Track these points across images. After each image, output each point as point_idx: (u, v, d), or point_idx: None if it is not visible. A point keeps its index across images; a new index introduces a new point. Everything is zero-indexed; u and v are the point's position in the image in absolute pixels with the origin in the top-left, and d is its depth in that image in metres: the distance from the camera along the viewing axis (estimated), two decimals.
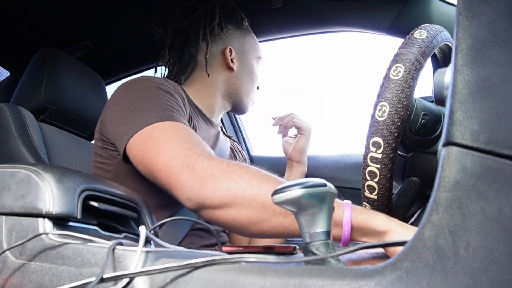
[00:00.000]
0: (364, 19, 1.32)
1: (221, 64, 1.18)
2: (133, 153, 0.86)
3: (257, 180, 0.73)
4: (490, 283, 0.31)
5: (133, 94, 0.93)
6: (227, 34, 1.20)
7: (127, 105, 0.91)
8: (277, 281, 0.38)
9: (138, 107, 0.89)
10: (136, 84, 0.96)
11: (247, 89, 1.22)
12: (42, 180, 0.54)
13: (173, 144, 0.80)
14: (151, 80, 0.97)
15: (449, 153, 0.35)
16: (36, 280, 0.50)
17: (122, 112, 0.90)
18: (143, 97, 0.91)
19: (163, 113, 0.87)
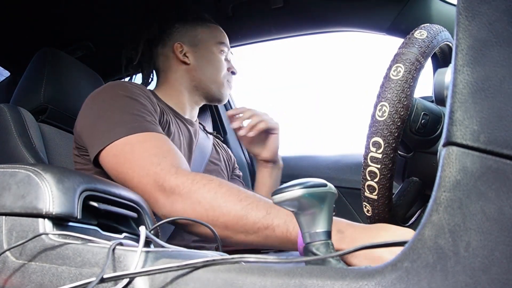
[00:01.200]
0: (364, 19, 1.32)
1: (175, 61, 1.21)
2: (106, 166, 0.89)
3: (219, 199, 0.77)
4: (490, 283, 0.31)
5: (101, 104, 0.96)
6: (175, 32, 1.23)
7: (96, 115, 0.94)
8: (277, 281, 0.38)
9: (107, 118, 0.91)
10: (104, 93, 0.99)
11: (210, 77, 1.21)
12: (42, 180, 0.54)
13: (143, 161, 0.83)
14: (118, 87, 0.99)
15: (449, 153, 0.35)
16: (36, 280, 0.50)
17: (92, 123, 0.94)
18: (111, 107, 0.93)
19: (132, 125, 0.89)
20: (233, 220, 0.77)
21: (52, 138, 1.20)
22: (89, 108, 0.98)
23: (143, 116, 0.93)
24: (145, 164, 0.83)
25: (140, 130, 0.88)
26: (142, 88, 1.04)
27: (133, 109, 0.93)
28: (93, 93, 1.01)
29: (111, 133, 0.88)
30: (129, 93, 0.97)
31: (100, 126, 0.91)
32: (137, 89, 1.01)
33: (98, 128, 0.91)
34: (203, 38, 1.23)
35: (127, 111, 0.92)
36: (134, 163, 0.84)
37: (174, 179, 0.80)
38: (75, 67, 1.31)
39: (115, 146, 0.87)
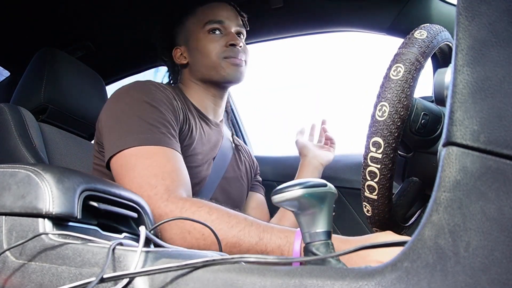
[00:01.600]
0: (364, 19, 1.32)
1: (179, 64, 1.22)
2: (113, 172, 0.91)
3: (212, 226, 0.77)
4: (490, 283, 0.31)
5: (123, 106, 0.97)
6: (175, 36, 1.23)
7: (115, 118, 0.95)
8: (277, 281, 0.38)
9: (123, 123, 0.93)
10: (128, 95, 0.99)
11: (206, 65, 1.15)
12: (42, 180, 0.54)
13: (141, 180, 0.84)
14: (143, 90, 0.99)
15: (449, 153, 0.35)
16: (36, 280, 0.50)
17: (110, 124, 0.95)
18: (130, 112, 0.94)
19: (144, 136, 0.90)
20: (225, 248, 0.77)
21: (52, 138, 1.20)
22: (112, 107, 0.99)
23: (158, 127, 0.92)
24: (142, 184, 0.84)
25: (150, 143, 0.89)
26: (167, 91, 1.03)
27: (150, 118, 0.93)
28: (120, 91, 1.02)
29: (122, 141, 0.90)
30: (151, 98, 0.97)
31: (115, 131, 0.93)
32: (161, 93, 1.00)
33: (113, 132, 0.93)
34: (191, 29, 1.19)
35: (144, 119, 0.92)
36: (133, 179, 0.85)
37: (164, 206, 0.80)
38: (75, 67, 1.31)
39: (123, 155, 0.89)
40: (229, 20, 1.18)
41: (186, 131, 1.04)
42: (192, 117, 1.10)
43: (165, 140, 0.91)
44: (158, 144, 0.90)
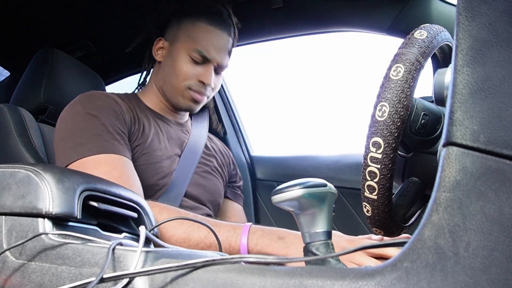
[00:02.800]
0: (364, 19, 1.32)
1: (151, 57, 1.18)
2: None
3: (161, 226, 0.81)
4: (490, 283, 0.31)
5: (63, 124, 0.99)
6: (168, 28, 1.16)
7: (61, 135, 0.98)
8: (277, 281, 0.38)
9: (65, 140, 0.95)
10: (70, 110, 1.01)
11: (171, 81, 1.11)
12: (42, 180, 0.53)
13: None
14: (83, 101, 1.01)
15: (449, 153, 0.35)
16: (36, 280, 0.50)
17: (57, 142, 0.98)
18: (72, 126, 0.96)
19: (88, 146, 0.91)
20: (176, 243, 0.82)
21: (52, 138, 1.19)
22: (58, 125, 1.01)
23: (100, 135, 0.94)
24: None
25: (93, 152, 0.91)
26: (108, 98, 1.03)
27: (91, 128, 0.95)
28: (66, 108, 1.04)
29: (66, 155, 0.92)
30: (91, 108, 0.98)
31: (60, 147, 0.96)
32: (102, 101, 1.01)
33: (59, 149, 0.96)
34: (181, 36, 1.11)
35: (85, 131, 0.94)
36: None
37: None
38: (75, 67, 1.31)
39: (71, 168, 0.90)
40: (216, 54, 1.10)
41: (137, 131, 1.05)
42: (144, 117, 1.10)
43: (108, 146, 0.93)
44: (101, 152, 0.91)
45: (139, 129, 1.06)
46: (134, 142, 1.03)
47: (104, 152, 0.91)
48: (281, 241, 0.80)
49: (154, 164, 1.05)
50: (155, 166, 1.05)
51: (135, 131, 1.04)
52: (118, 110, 1.02)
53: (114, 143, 0.94)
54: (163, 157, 1.09)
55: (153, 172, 1.04)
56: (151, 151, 1.06)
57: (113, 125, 0.98)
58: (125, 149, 0.97)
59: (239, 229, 0.83)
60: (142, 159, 1.03)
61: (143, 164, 1.03)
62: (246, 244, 0.81)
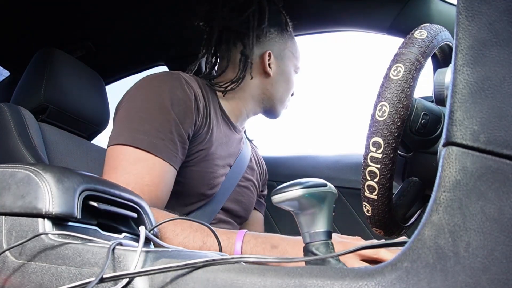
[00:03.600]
0: (365, 19, 1.32)
1: (258, 68, 1.14)
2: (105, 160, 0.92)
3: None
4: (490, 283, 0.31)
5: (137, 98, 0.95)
6: (269, 37, 1.16)
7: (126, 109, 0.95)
8: (277, 281, 0.38)
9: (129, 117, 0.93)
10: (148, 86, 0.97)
11: (281, 95, 1.18)
12: (41, 180, 0.53)
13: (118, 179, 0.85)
14: (164, 84, 0.96)
15: (449, 153, 0.35)
16: (36, 280, 0.50)
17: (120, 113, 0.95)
18: (141, 107, 0.93)
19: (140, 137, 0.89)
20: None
21: (52, 137, 1.20)
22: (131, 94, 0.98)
23: (160, 131, 0.90)
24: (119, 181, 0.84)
25: (142, 146, 0.88)
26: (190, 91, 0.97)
27: (157, 121, 0.91)
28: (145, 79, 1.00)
29: (119, 135, 0.91)
30: (169, 99, 0.93)
31: (118, 122, 0.94)
32: (183, 94, 0.95)
33: (117, 123, 0.94)
34: (288, 54, 1.19)
35: (149, 120, 0.91)
36: (113, 175, 0.87)
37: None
38: (75, 67, 1.31)
39: (114, 149, 0.90)
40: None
41: (205, 134, 1.00)
42: (215, 117, 1.06)
43: (159, 148, 0.89)
44: (148, 151, 0.88)
45: (207, 133, 1.01)
46: (199, 145, 0.99)
47: (151, 152, 0.88)
48: (274, 250, 0.82)
49: (210, 174, 1.02)
50: (210, 175, 1.02)
51: (203, 133, 1.00)
52: (194, 108, 0.96)
53: (167, 146, 0.91)
54: (219, 166, 1.05)
55: (205, 181, 1.00)
56: (212, 159, 1.02)
57: (179, 125, 0.93)
58: (177, 155, 0.92)
59: (233, 237, 0.84)
60: (201, 165, 0.99)
61: (199, 171, 0.99)
62: (240, 252, 0.82)
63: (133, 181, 0.86)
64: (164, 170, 0.89)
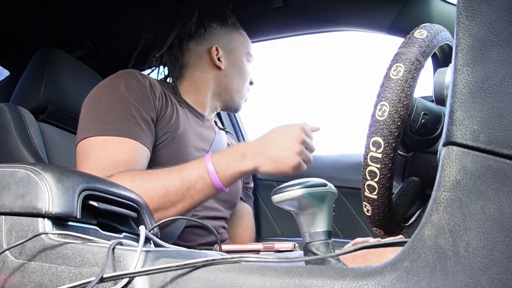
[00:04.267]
0: (365, 19, 1.32)
1: (208, 63, 1.19)
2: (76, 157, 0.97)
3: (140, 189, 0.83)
4: (490, 283, 0.31)
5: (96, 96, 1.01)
6: (212, 32, 1.21)
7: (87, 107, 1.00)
8: (277, 281, 0.38)
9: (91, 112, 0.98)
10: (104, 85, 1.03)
11: (237, 86, 1.21)
12: (41, 180, 0.53)
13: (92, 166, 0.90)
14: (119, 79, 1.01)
15: (449, 152, 0.35)
16: (36, 280, 0.50)
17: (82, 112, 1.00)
18: (100, 101, 0.99)
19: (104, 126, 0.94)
20: (159, 200, 0.86)
21: (52, 137, 1.20)
22: (91, 94, 1.03)
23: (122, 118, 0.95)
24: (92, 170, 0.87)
25: (108, 133, 0.93)
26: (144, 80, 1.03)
27: (117, 109, 0.96)
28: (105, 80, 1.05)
29: (86, 130, 0.95)
30: (124, 88, 0.99)
31: (83, 119, 0.99)
32: (138, 82, 1.01)
33: (82, 120, 0.99)
34: (236, 45, 1.22)
35: (111, 110, 0.96)
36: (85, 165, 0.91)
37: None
38: (75, 67, 1.31)
39: (83, 144, 0.95)
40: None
41: (169, 115, 1.04)
42: (179, 105, 1.11)
43: (124, 130, 0.94)
44: (115, 135, 0.93)
45: (171, 114, 1.05)
46: (165, 127, 1.03)
47: (119, 135, 0.93)
48: (245, 157, 0.89)
49: (183, 156, 1.04)
50: (184, 157, 1.03)
51: (167, 115, 1.04)
52: (151, 93, 1.02)
53: (133, 128, 0.95)
54: (192, 148, 1.08)
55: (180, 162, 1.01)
56: (183, 141, 1.06)
57: (139, 109, 0.98)
58: (144, 135, 0.96)
59: (203, 161, 0.90)
60: (172, 147, 1.03)
61: (171, 153, 1.02)
62: (214, 171, 0.89)
63: (104, 162, 0.90)
64: (133, 147, 0.94)
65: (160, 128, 1.02)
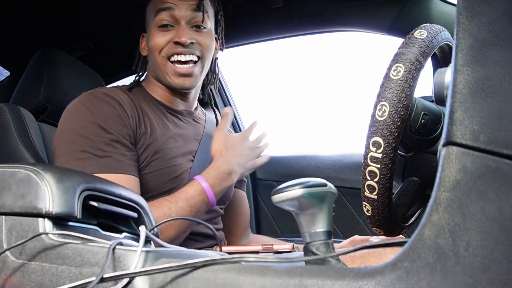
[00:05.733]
0: (364, 19, 1.32)
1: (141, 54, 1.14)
2: None
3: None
4: (490, 283, 0.31)
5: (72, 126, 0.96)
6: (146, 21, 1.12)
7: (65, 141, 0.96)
8: (277, 281, 0.38)
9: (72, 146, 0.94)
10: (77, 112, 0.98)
11: (153, 62, 1.07)
12: (42, 180, 0.53)
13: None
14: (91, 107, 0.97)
15: (449, 153, 0.35)
16: (36, 280, 0.50)
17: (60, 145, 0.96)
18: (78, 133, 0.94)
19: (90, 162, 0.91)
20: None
21: (52, 137, 1.20)
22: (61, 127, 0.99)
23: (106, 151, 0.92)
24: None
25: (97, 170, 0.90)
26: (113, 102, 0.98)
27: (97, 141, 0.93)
28: (67, 109, 1.01)
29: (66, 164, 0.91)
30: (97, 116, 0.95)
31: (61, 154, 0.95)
32: (108, 107, 0.97)
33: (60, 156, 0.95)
34: (147, 18, 1.09)
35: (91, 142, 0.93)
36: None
37: None
38: (75, 67, 1.31)
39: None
40: (179, 6, 1.04)
41: (144, 132, 1.00)
42: (153, 113, 1.05)
43: (113, 165, 0.92)
44: (105, 172, 0.90)
45: (146, 129, 1.01)
46: (144, 144, 0.99)
47: (108, 171, 0.91)
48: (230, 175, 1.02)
49: (168, 168, 1.02)
50: (168, 170, 1.02)
51: (142, 132, 1.00)
52: (123, 115, 0.97)
53: (119, 160, 0.93)
54: (178, 157, 1.05)
55: (166, 177, 1.01)
56: (164, 156, 1.02)
57: (120, 136, 0.95)
58: (131, 165, 0.95)
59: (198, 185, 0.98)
60: (155, 164, 1.00)
61: (155, 170, 1.00)
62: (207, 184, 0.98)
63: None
64: (128, 181, 0.92)
65: (140, 144, 0.99)
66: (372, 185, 0.66)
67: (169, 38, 1.03)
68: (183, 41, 1.01)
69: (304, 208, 0.47)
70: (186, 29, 1.03)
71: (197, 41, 1.05)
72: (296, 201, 0.46)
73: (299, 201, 0.46)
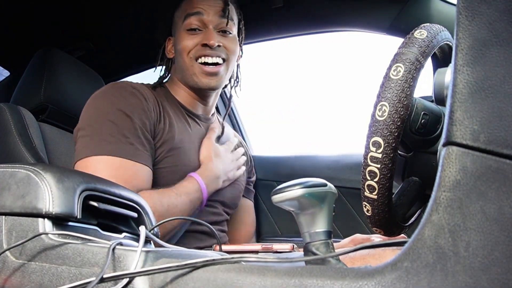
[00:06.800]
0: (364, 19, 1.32)
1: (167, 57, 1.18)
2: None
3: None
4: (490, 283, 0.31)
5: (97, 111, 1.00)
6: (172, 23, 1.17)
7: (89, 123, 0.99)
8: (277, 281, 0.38)
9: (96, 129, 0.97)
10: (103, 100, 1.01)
11: (182, 65, 1.11)
12: (42, 180, 0.53)
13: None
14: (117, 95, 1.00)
15: (449, 152, 0.35)
16: (36, 280, 0.50)
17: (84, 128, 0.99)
18: (104, 118, 0.97)
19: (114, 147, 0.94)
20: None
21: (52, 137, 1.20)
22: (86, 112, 1.02)
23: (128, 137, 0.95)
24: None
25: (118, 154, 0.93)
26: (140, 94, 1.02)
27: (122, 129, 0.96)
28: (97, 94, 1.04)
29: (88, 148, 0.95)
30: (124, 106, 0.98)
31: (83, 137, 0.97)
32: (135, 98, 1.00)
33: (81, 138, 0.97)
34: (176, 22, 1.14)
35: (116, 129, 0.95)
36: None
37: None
38: (75, 67, 1.31)
39: (91, 160, 0.94)
40: (207, 12, 1.09)
41: (162, 127, 1.03)
42: (173, 113, 1.09)
43: (134, 153, 0.95)
44: (125, 157, 0.93)
45: (165, 125, 1.04)
46: (161, 139, 1.02)
47: (128, 158, 0.94)
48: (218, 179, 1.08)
49: (183, 167, 1.04)
50: (181, 168, 1.04)
51: (161, 128, 1.03)
52: (146, 108, 1.01)
53: (139, 149, 0.96)
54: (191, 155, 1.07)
55: (178, 175, 1.03)
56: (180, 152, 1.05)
57: (142, 128, 0.98)
58: (148, 157, 0.98)
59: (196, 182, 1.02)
60: (169, 160, 1.02)
61: (169, 167, 1.02)
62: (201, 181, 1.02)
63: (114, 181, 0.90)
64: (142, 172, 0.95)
65: (157, 139, 1.02)
66: (372, 185, 0.66)
67: (197, 41, 1.09)
68: (211, 44, 1.07)
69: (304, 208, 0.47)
70: (214, 33, 1.09)
71: (224, 45, 1.10)
72: (296, 201, 0.46)
73: (299, 201, 0.46)
